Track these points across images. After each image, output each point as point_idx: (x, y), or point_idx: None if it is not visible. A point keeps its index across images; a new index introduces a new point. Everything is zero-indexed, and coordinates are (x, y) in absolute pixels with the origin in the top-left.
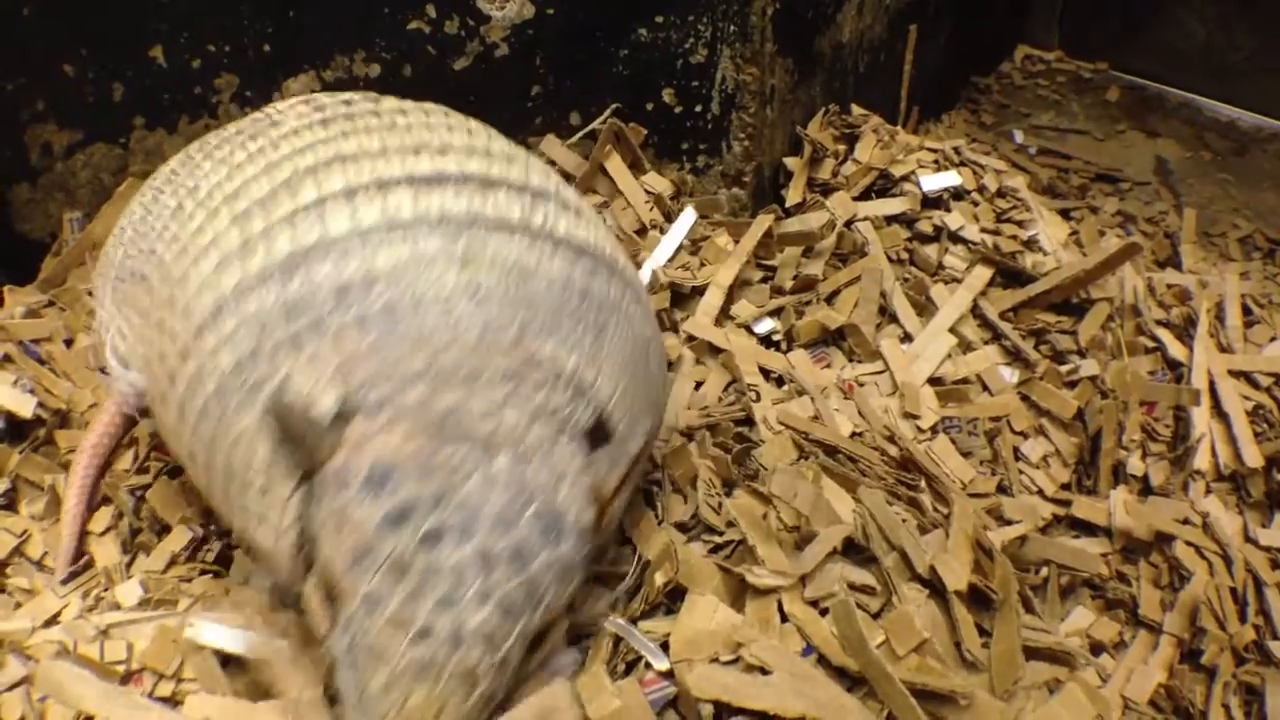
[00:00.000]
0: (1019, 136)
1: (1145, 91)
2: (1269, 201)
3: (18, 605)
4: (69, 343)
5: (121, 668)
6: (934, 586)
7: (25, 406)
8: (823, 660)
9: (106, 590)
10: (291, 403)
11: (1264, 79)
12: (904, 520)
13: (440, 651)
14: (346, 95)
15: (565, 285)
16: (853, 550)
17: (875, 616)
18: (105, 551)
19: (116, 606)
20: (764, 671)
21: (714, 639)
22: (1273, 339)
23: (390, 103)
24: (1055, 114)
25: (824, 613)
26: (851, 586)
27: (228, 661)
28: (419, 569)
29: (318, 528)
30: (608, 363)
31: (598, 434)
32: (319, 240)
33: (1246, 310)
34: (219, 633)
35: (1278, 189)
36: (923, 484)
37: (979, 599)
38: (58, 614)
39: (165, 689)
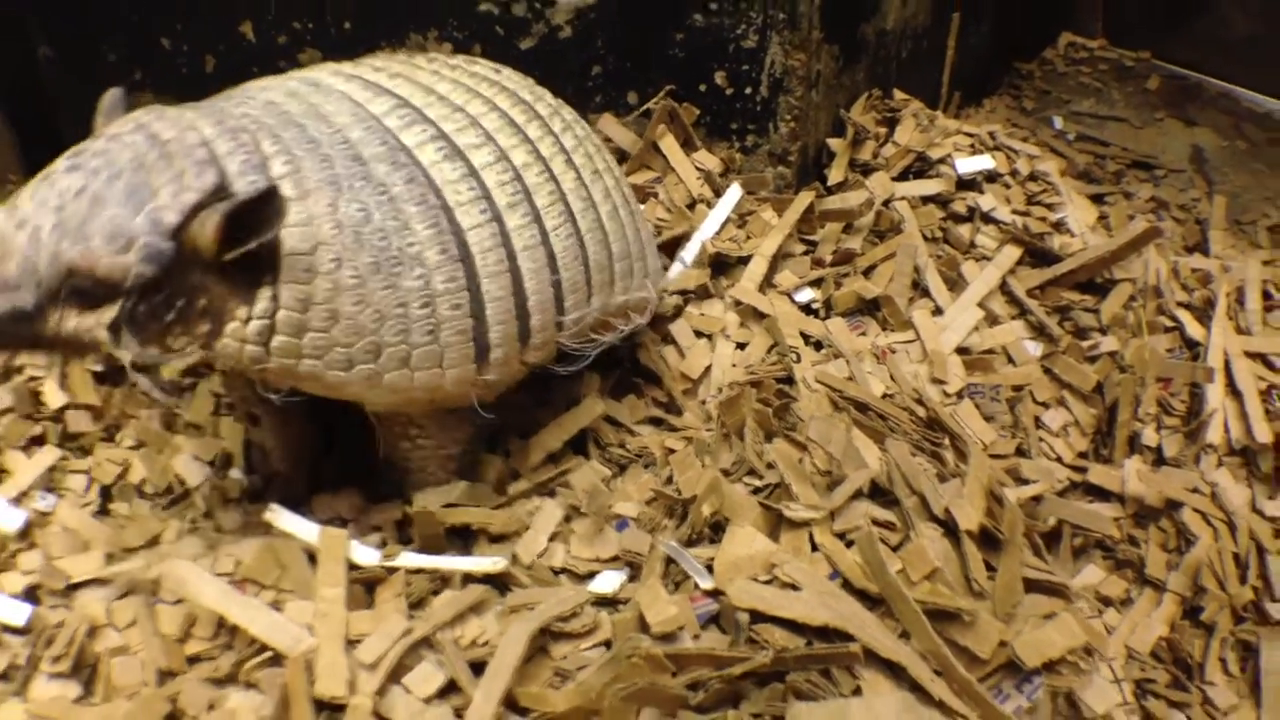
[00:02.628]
0: (1058, 122)
1: (1185, 81)
2: None
3: (121, 527)
4: None
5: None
6: (948, 526)
7: None
8: (847, 584)
9: (206, 516)
10: None
11: None
12: (925, 469)
13: None
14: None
15: None
16: (878, 493)
17: (894, 549)
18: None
19: (219, 529)
20: (795, 588)
21: (752, 563)
22: None
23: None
24: (1095, 101)
25: (849, 544)
26: (875, 523)
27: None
28: None
29: None
30: None
31: None
32: None
33: (1267, 295)
34: (293, 521)
35: None
36: (946, 441)
37: (989, 540)
38: (157, 536)
39: (267, 597)
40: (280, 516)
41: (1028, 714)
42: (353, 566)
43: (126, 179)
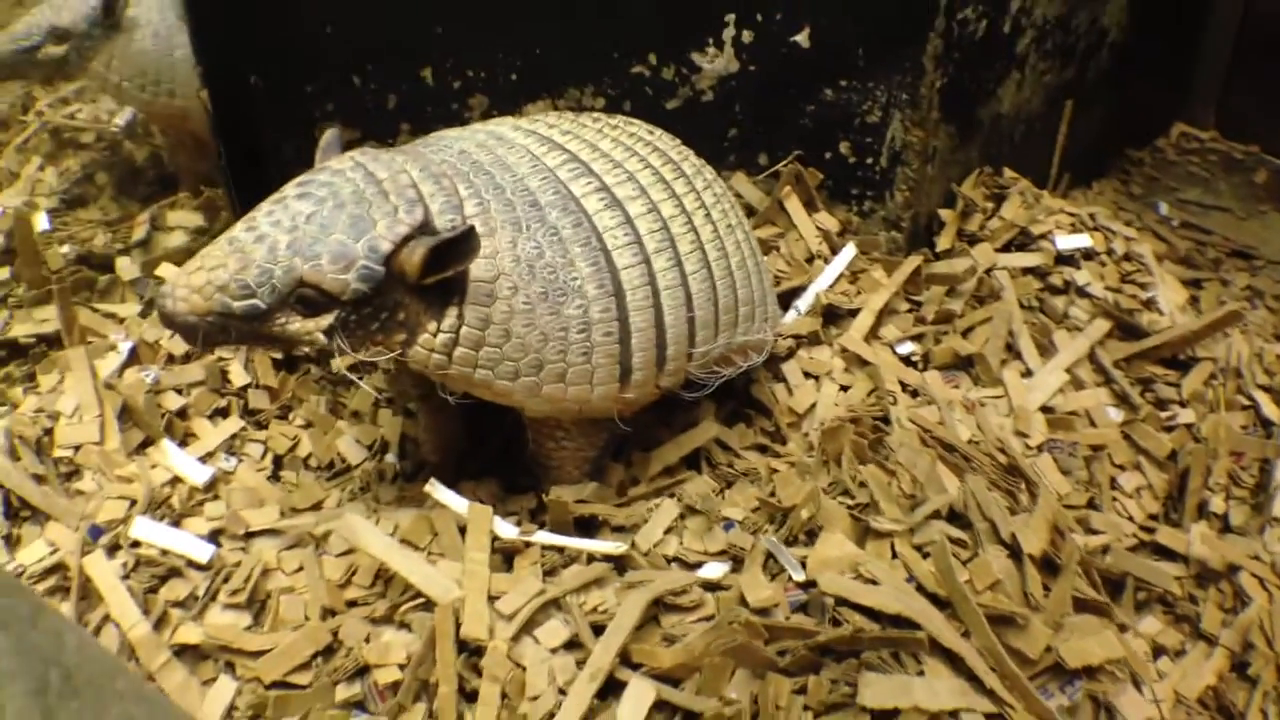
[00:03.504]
0: (1164, 208)
1: None
2: None
3: (290, 491)
4: None
5: None
6: (1013, 550)
7: None
8: (920, 588)
9: (364, 490)
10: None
11: None
12: (998, 502)
13: None
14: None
15: None
16: (954, 517)
17: (964, 564)
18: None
19: (377, 500)
20: (874, 583)
21: (840, 562)
22: None
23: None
24: (1202, 190)
25: (925, 555)
26: (949, 539)
27: None
28: None
29: None
30: None
31: None
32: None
33: None
34: (448, 495)
35: None
36: (1022, 486)
37: (1049, 566)
38: (321, 501)
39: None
40: (437, 489)
41: (1068, 712)
42: (495, 538)
43: (349, 210)
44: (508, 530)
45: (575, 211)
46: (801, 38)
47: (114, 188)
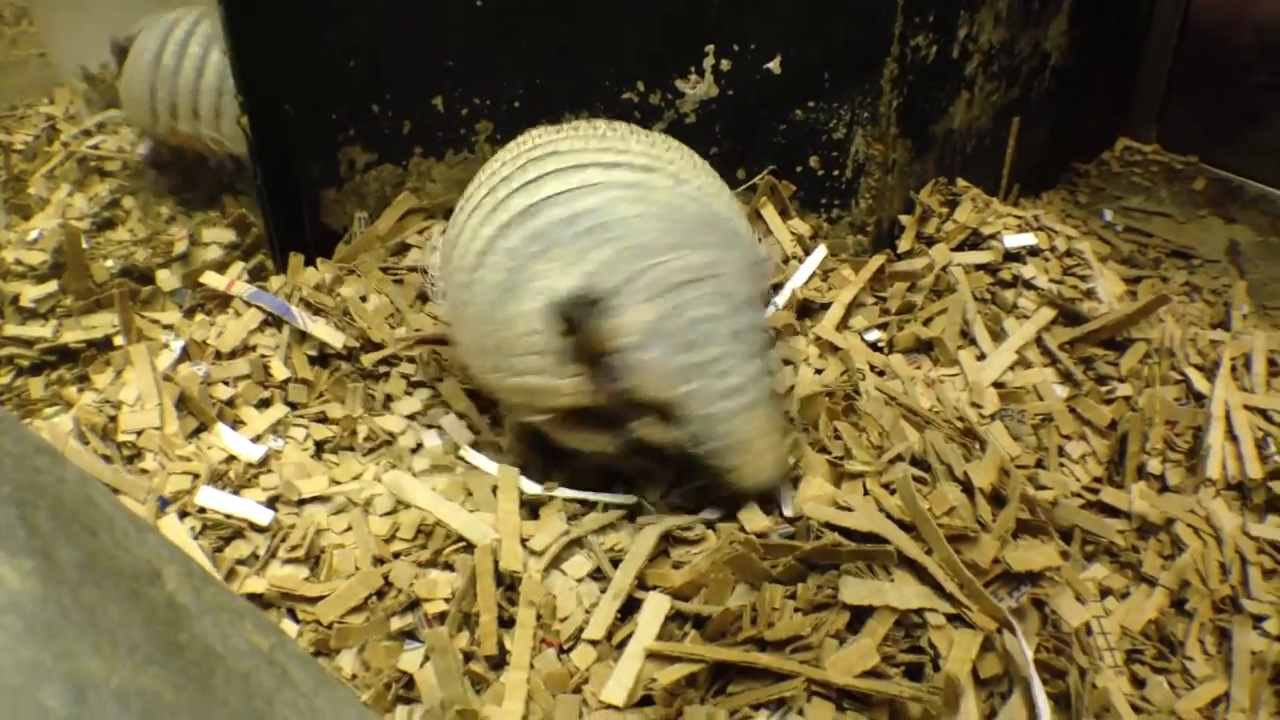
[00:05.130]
0: (1108, 215)
1: (1229, 183)
2: None
3: (333, 466)
4: (364, 299)
5: None
6: (966, 486)
7: (336, 339)
8: (888, 515)
9: (393, 465)
10: (566, 296)
11: None
12: (954, 450)
13: (750, 392)
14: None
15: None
16: (916, 463)
17: (925, 496)
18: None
19: (411, 470)
20: (849, 510)
21: (820, 499)
22: None
23: (600, 123)
24: (1145, 198)
25: (892, 492)
26: (913, 479)
27: None
28: (709, 366)
29: (631, 385)
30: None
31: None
32: (543, 198)
33: (1274, 363)
34: (479, 458)
35: None
36: (977, 446)
37: (998, 500)
38: (359, 475)
39: None
40: (470, 454)
41: (1015, 613)
42: (521, 493)
43: None
44: (532, 487)
45: None
46: (774, 65)
47: (140, 210)
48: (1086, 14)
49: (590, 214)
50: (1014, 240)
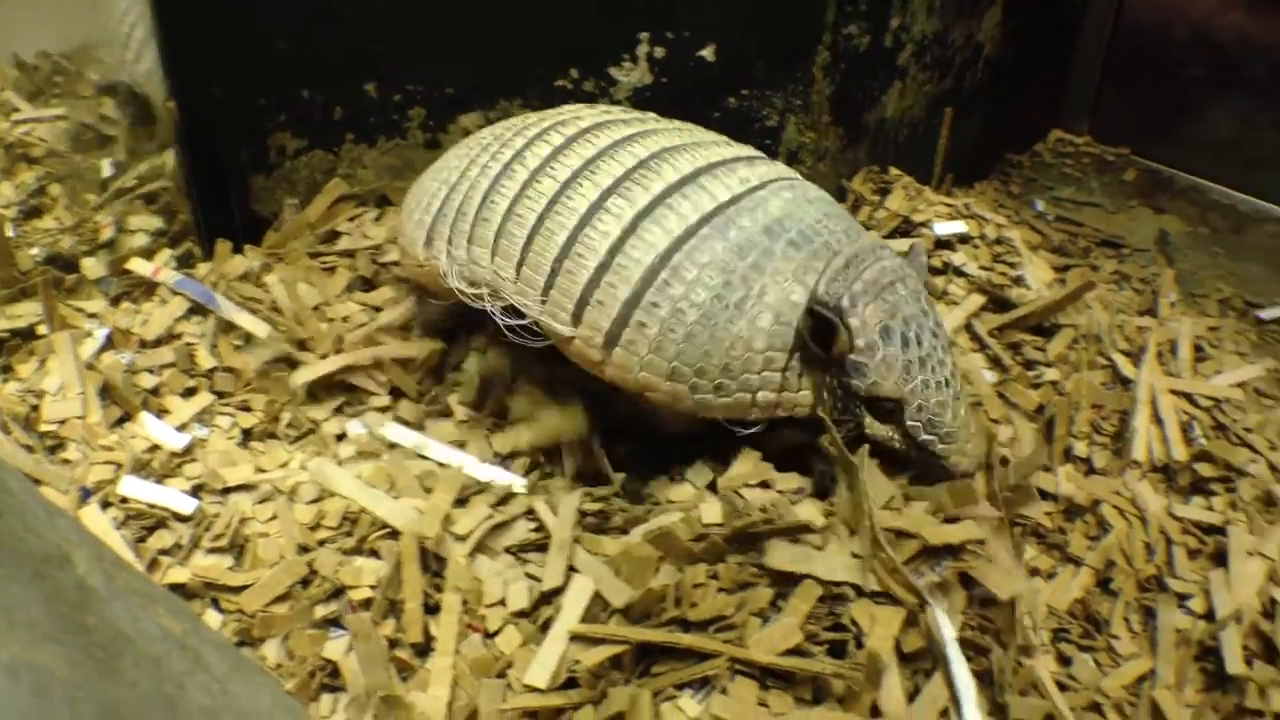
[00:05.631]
0: (1040, 205)
1: (1159, 174)
2: (1254, 272)
3: (259, 455)
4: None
5: None
6: None
7: (261, 329)
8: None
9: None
10: (811, 308)
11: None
12: None
13: (956, 382)
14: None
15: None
16: None
17: None
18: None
19: (336, 458)
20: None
21: (752, 475)
22: (1218, 373)
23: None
24: (1076, 189)
25: None
26: None
27: None
28: (927, 360)
29: (870, 383)
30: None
31: None
32: (717, 205)
33: (1199, 349)
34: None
35: (1265, 262)
36: None
37: None
38: (287, 462)
39: None
40: (391, 430)
41: (939, 588)
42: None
43: None
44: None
45: None
46: (707, 53)
47: (67, 198)
48: (1020, 7)
49: (784, 220)
50: (944, 228)
